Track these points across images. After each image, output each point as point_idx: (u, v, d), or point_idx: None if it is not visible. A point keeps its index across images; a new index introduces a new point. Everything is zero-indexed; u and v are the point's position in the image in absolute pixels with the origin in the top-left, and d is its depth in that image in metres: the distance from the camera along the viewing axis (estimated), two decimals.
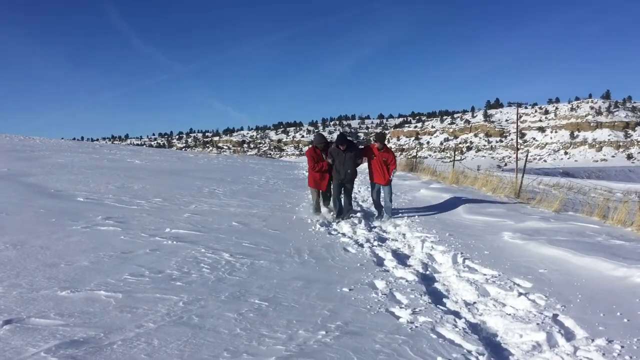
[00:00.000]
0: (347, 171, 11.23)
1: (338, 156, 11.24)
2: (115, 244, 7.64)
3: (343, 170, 11.24)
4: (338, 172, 11.29)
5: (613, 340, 4.88)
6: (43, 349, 4.05)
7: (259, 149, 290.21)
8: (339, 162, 11.22)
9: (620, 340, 4.87)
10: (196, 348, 4.32)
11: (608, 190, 19.85)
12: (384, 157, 11.66)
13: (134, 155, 27.43)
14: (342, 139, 11.30)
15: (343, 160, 11.19)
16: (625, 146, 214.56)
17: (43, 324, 4.56)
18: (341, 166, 11.22)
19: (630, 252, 8.07)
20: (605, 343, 4.84)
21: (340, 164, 11.22)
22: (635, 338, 4.91)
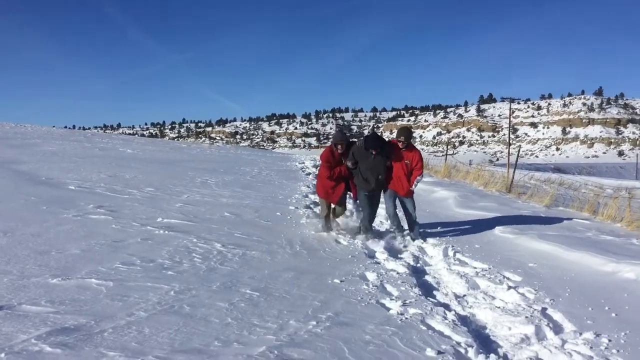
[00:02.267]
0: (377, 177, 8.70)
1: (365, 160, 8.60)
2: (107, 233, 7.63)
3: (373, 177, 8.65)
4: (366, 181, 8.70)
5: (601, 334, 4.93)
6: (33, 335, 4.05)
7: (252, 140, 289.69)
8: (365, 167, 8.62)
9: (608, 335, 4.92)
10: (187, 337, 4.33)
11: (599, 186, 19.97)
12: (407, 159, 8.79)
13: (126, 144, 27.32)
14: (375, 140, 8.50)
15: (372, 165, 8.59)
16: (617, 143, 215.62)
17: (34, 311, 4.55)
18: (369, 172, 8.62)
19: (619, 248, 8.14)
20: (593, 337, 4.89)
21: (367, 169, 8.62)
22: (623, 332, 4.96)
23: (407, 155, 8.77)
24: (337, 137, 9.04)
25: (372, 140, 8.49)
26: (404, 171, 8.75)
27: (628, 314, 5.46)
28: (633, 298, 5.93)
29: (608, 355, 4.52)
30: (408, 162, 8.75)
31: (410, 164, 8.76)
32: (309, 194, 13.71)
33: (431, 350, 4.44)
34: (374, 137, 8.63)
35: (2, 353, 3.75)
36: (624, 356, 4.47)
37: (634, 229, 10.17)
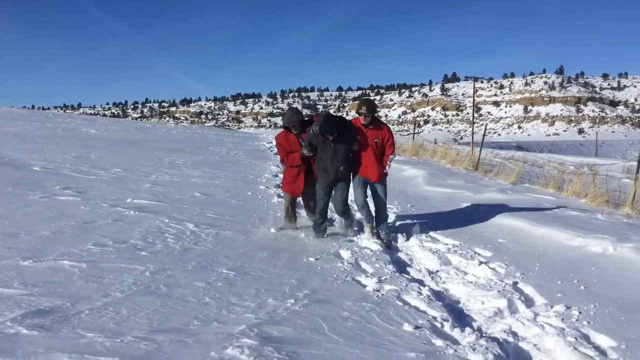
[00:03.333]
0: (339, 168, 7.20)
1: (323, 148, 7.14)
2: (76, 214, 7.50)
3: (333, 168, 7.17)
4: (325, 171, 7.25)
5: (571, 307, 5.07)
6: (9, 318, 3.97)
7: (217, 120, 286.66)
8: (326, 156, 7.15)
9: (578, 307, 5.06)
10: (165, 317, 4.30)
11: (561, 163, 20.41)
12: (375, 137, 7.35)
13: (89, 124, 26.79)
14: (328, 124, 6.92)
15: (332, 154, 7.11)
16: (577, 121, 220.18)
17: (7, 294, 4.46)
18: (329, 162, 7.14)
19: (585, 223, 8.36)
20: (564, 309, 5.02)
21: (327, 158, 7.15)
22: (592, 304, 5.11)
23: (374, 134, 7.30)
24: (287, 116, 7.55)
25: (325, 124, 6.84)
26: (374, 153, 7.32)
27: (596, 286, 5.62)
28: (600, 271, 6.10)
29: (579, 326, 4.65)
30: (377, 141, 7.30)
31: (379, 143, 7.34)
32: (279, 174, 13.69)
33: (408, 325, 4.50)
34: (327, 119, 6.91)
35: None
36: (594, 327, 4.61)
37: (598, 205, 10.45)
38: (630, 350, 4.16)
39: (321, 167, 7.27)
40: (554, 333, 4.53)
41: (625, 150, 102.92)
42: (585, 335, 4.50)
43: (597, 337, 4.46)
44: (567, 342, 4.32)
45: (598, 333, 4.50)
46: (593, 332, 4.54)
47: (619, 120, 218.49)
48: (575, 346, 4.25)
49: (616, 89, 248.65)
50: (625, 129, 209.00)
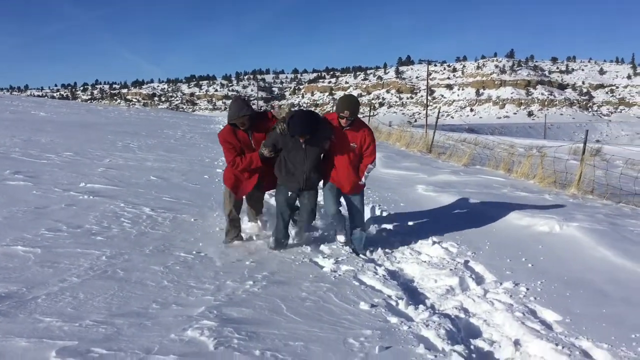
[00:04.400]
0: (309, 175, 6.03)
1: (291, 150, 5.94)
2: (28, 199, 7.36)
3: (302, 174, 6.00)
4: (291, 176, 6.04)
5: (519, 283, 5.29)
6: None
7: (171, 103, 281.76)
8: (295, 159, 5.96)
9: (525, 283, 5.29)
10: (124, 300, 4.31)
11: (511, 145, 20.94)
12: (353, 141, 6.12)
13: (38, 107, 26.04)
14: (303, 124, 5.71)
15: (303, 157, 5.93)
16: (527, 104, 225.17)
17: None
18: (299, 166, 5.97)
19: (533, 203, 8.67)
20: (512, 286, 5.24)
21: (296, 162, 5.97)
22: (539, 281, 5.34)
23: (352, 137, 6.10)
24: (233, 109, 6.04)
25: (298, 124, 5.66)
26: (349, 158, 6.14)
27: (543, 264, 5.86)
28: (547, 249, 6.36)
29: (526, 302, 4.86)
30: (354, 145, 6.11)
31: (357, 148, 6.14)
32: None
33: (365, 304, 4.63)
34: (302, 116, 5.76)
35: None
36: (541, 302, 4.83)
37: (546, 185, 10.82)
38: (575, 324, 4.38)
39: (285, 171, 6.02)
40: (502, 309, 4.73)
41: (572, 132, 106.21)
42: (532, 310, 4.71)
43: (543, 312, 4.68)
44: (515, 317, 4.53)
45: (544, 308, 4.72)
46: (539, 307, 4.75)
47: (567, 103, 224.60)
48: (523, 321, 4.46)
49: (565, 73, 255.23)
50: (573, 111, 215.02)
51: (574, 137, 71.24)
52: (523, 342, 4.18)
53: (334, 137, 6.03)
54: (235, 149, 6.13)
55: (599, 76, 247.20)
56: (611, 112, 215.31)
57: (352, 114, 5.96)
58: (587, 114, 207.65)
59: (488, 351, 4.14)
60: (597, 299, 4.88)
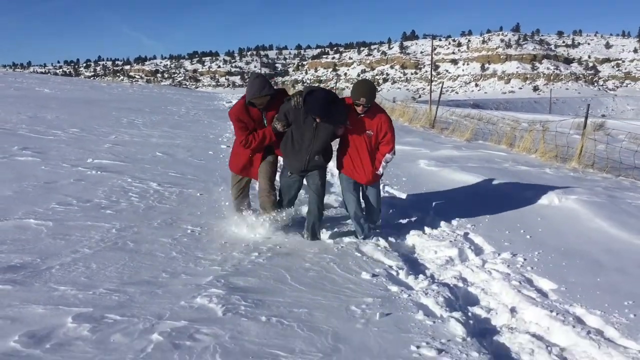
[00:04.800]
0: (313, 157, 5.64)
1: (302, 126, 5.53)
2: (37, 174, 7.51)
3: (306, 155, 5.62)
4: (296, 153, 5.65)
5: (517, 254, 5.43)
6: None
7: (174, 79, 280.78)
8: (302, 137, 5.56)
9: (523, 254, 5.43)
10: (135, 270, 4.48)
11: (515, 120, 20.94)
12: (370, 129, 5.68)
13: (42, 83, 26.10)
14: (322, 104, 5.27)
15: (311, 137, 5.54)
16: (532, 78, 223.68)
17: None
18: (305, 146, 5.58)
19: (533, 177, 8.78)
20: (510, 256, 5.39)
21: (303, 141, 5.57)
22: (536, 252, 5.48)
23: (368, 124, 5.65)
24: (253, 88, 5.56)
25: (319, 103, 5.26)
26: (365, 147, 5.73)
27: (541, 235, 6.00)
28: (545, 221, 6.49)
29: (523, 271, 5.01)
30: (370, 133, 5.68)
31: (372, 136, 5.70)
32: None
33: (366, 274, 4.79)
34: (323, 97, 5.30)
35: None
36: (537, 272, 4.98)
37: (547, 160, 10.92)
38: (569, 292, 4.53)
39: (290, 149, 5.66)
40: (500, 278, 4.89)
41: (578, 107, 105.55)
42: (528, 279, 4.86)
43: (539, 281, 4.83)
44: (511, 286, 4.68)
45: (540, 277, 4.87)
46: (536, 276, 4.91)
47: (572, 78, 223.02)
48: (519, 289, 4.61)
49: (570, 47, 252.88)
50: (578, 86, 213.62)
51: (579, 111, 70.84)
52: (519, 309, 4.33)
53: (349, 124, 5.62)
54: (247, 128, 5.69)
55: (605, 50, 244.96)
56: (617, 87, 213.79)
57: (368, 101, 5.50)
58: (592, 89, 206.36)
59: (485, 318, 4.30)
60: (592, 269, 5.02)
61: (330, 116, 5.39)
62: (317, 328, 3.71)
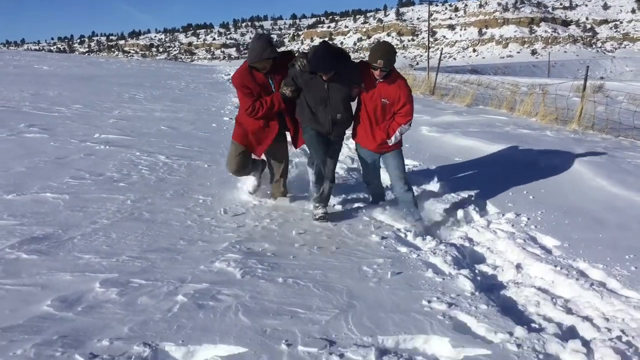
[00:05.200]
0: (336, 116, 5.30)
1: (312, 89, 5.20)
2: (47, 150, 7.63)
3: (327, 117, 5.29)
4: (318, 118, 5.30)
5: (520, 214, 5.61)
6: (6, 245, 4.26)
7: (169, 53, 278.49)
8: (315, 101, 5.23)
9: (526, 214, 5.60)
10: (153, 239, 4.64)
11: (514, 85, 20.97)
12: (386, 97, 5.25)
13: (40, 61, 26.00)
14: (324, 58, 4.99)
15: (324, 98, 5.20)
16: (530, 42, 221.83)
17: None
18: (321, 109, 5.26)
19: (535, 140, 8.92)
20: (514, 216, 5.56)
21: (317, 105, 5.25)
22: (539, 211, 5.65)
23: (385, 91, 5.22)
24: (256, 51, 5.19)
25: (319, 58, 4.97)
26: (380, 115, 5.36)
27: (543, 195, 6.17)
28: (547, 182, 6.65)
29: (527, 230, 5.19)
30: (386, 102, 5.25)
31: (388, 105, 5.29)
32: None
33: (376, 236, 4.97)
34: (322, 50, 5.01)
35: None
36: (541, 230, 5.16)
37: (547, 122, 11.04)
38: (572, 248, 4.72)
39: (309, 116, 5.31)
40: (505, 237, 5.06)
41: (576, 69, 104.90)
42: (532, 237, 5.04)
43: (543, 239, 5.01)
44: (516, 244, 4.86)
45: (544, 235, 5.05)
46: (539, 234, 5.09)
47: (570, 40, 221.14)
48: (524, 247, 4.79)
49: (568, 9, 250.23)
50: (576, 48, 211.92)
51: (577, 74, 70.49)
52: (524, 265, 4.52)
53: (363, 86, 5.24)
54: (253, 94, 5.31)
55: (603, 11, 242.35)
56: (615, 48, 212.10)
57: (386, 64, 5.02)
58: (591, 51, 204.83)
59: (492, 274, 4.48)
60: (594, 226, 5.20)
61: (336, 70, 5.03)
62: (331, 287, 3.88)
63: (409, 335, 3.30)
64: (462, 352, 3.15)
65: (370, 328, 3.34)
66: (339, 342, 3.16)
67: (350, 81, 5.23)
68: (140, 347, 3.01)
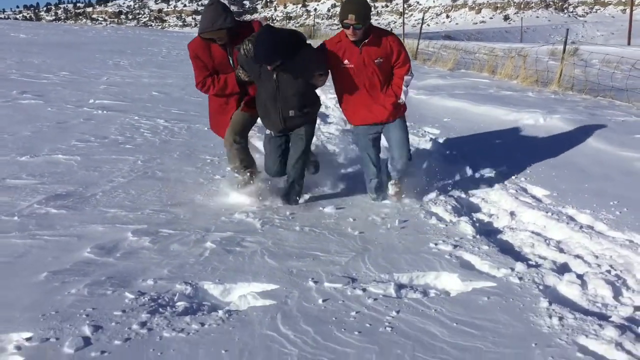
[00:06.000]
0: (287, 114, 4.58)
1: (262, 80, 4.52)
2: (46, 116, 7.78)
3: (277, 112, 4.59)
4: (269, 112, 4.63)
5: (511, 168, 5.94)
6: (34, 201, 4.50)
7: (138, 21, 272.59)
8: (265, 93, 4.55)
9: (516, 168, 5.93)
10: (171, 194, 4.91)
11: (491, 50, 21.31)
12: (376, 56, 4.64)
13: (15, 29, 25.51)
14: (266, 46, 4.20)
15: (273, 90, 4.48)
16: (502, 7, 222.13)
17: (20, 184, 4.94)
18: (271, 103, 4.56)
19: (518, 101, 9.29)
20: (506, 169, 5.89)
21: (267, 97, 4.56)
22: (528, 165, 5.99)
23: (372, 52, 4.61)
24: (206, 20, 4.50)
25: (260, 46, 4.20)
26: (380, 79, 4.73)
27: (530, 151, 6.54)
28: (533, 139, 7.04)
29: (518, 182, 5.54)
30: (379, 61, 4.64)
31: (383, 63, 4.67)
32: None
33: None
34: (264, 38, 4.21)
35: (15, 216, 4.19)
36: (530, 181, 5.50)
37: (528, 84, 11.41)
38: (561, 197, 5.08)
39: (263, 108, 4.66)
40: (498, 188, 5.43)
41: (548, 35, 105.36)
42: (523, 188, 5.41)
43: (533, 189, 5.38)
44: (509, 194, 5.22)
45: (534, 186, 5.42)
46: (530, 185, 5.45)
47: (543, 5, 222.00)
48: (516, 197, 5.15)
49: None
50: (549, 13, 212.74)
51: (549, 39, 70.97)
52: (517, 212, 4.88)
53: (343, 66, 4.62)
54: (207, 68, 4.69)
55: None
56: (586, 13, 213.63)
57: (359, 19, 4.38)
58: (562, 16, 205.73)
59: (488, 222, 4.84)
60: (580, 177, 5.58)
61: (282, 60, 4.24)
62: (346, 234, 4.22)
63: (421, 272, 3.64)
64: (470, 284, 3.50)
65: (386, 267, 3.67)
66: (359, 279, 3.49)
67: (306, 70, 4.46)
68: (182, 285, 3.30)
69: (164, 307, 3.04)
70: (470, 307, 3.17)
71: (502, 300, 3.24)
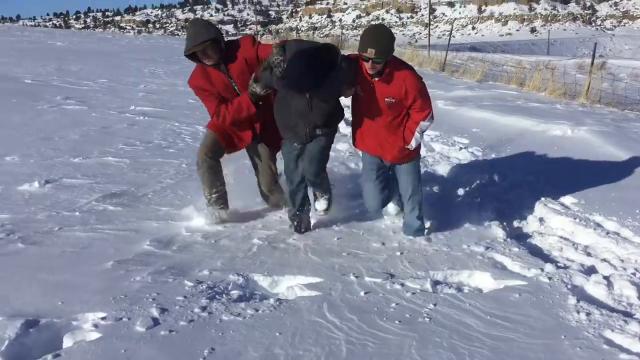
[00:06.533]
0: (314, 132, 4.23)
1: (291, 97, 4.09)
2: (91, 121, 8.16)
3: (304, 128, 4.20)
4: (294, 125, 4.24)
5: (539, 176, 6.16)
6: (93, 199, 4.84)
7: (165, 30, 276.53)
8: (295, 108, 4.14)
9: (544, 176, 6.16)
10: None
11: (517, 62, 21.44)
12: (389, 96, 4.07)
13: (51, 37, 26.27)
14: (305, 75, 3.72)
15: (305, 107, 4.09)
16: (529, 20, 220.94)
17: (77, 183, 5.29)
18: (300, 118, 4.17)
19: (546, 112, 9.48)
20: (533, 178, 6.12)
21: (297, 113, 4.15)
22: (555, 174, 6.22)
23: (386, 89, 4.07)
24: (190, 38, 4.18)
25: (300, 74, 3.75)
26: (388, 119, 4.22)
27: (557, 160, 6.77)
28: (560, 150, 7.22)
29: (545, 189, 5.74)
30: (391, 101, 4.10)
31: (394, 103, 4.12)
32: None
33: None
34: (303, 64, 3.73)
35: (76, 212, 4.53)
36: (558, 189, 5.69)
37: (556, 97, 11.60)
38: (589, 204, 5.27)
39: (285, 122, 4.29)
40: (527, 195, 5.64)
41: (576, 48, 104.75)
42: (551, 195, 5.60)
43: (561, 197, 5.56)
44: (538, 201, 5.43)
45: (562, 194, 5.60)
46: (558, 193, 5.64)
47: (570, 18, 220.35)
48: (545, 203, 5.36)
49: None
50: (576, 26, 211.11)
51: (576, 52, 70.61)
52: (546, 218, 5.10)
53: (358, 88, 4.15)
54: (215, 96, 4.45)
55: None
56: (615, 26, 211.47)
57: (379, 54, 3.85)
58: (590, 29, 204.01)
59: (518, 226, 5.07)
60: (606, 186, 5.77)
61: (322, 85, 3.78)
62: (383, 235, 4.52)
63: (455, 271, 3.89)
64: (502, 282, 3.74)
65: (422, 265, 3.93)
66: (397, 275, 3.75)
67: (340, 85, 4.08)
68: (235, 276, 3.59)
69: (220, 295, 3.33)
70: (503, 302, 3.41)
71: (532, 297, 3.47)
